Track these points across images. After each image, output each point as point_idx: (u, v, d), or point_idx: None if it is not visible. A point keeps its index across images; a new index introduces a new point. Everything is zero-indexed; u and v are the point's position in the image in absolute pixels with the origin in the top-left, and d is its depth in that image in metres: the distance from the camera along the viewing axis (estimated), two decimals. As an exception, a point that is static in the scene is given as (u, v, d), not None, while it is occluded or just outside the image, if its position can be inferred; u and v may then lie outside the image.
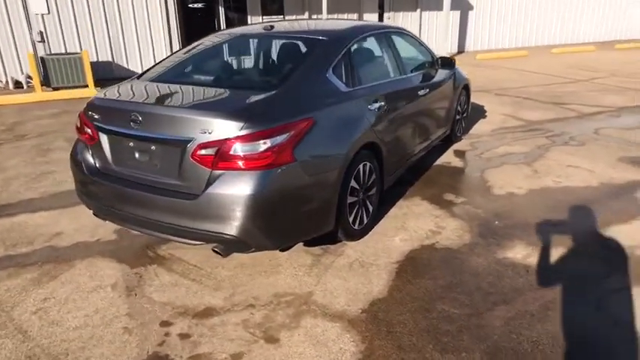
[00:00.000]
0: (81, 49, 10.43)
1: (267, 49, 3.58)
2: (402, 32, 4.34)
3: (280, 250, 3.18)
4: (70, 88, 9.49)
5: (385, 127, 3.45)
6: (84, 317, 2.60)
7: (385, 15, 14.27)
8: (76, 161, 3.08)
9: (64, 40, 10.39)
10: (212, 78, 3.26)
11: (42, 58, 9.45)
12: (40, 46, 10.20)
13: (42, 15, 10.11)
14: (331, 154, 2.84)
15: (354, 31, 3.49)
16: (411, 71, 4.19)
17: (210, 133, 2.46)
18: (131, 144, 2.74)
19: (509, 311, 2.58)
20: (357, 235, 3.31)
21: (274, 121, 2.52)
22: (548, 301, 2.65)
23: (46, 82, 9.46)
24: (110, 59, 11.05)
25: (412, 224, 3.62)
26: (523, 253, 3.16)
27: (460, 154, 5.34)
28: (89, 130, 2.93)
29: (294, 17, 12.86)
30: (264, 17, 12.54)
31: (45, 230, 3.64)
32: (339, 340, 2.38)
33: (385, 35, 3.94)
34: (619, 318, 2.50)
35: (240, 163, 2.45)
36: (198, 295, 2.78)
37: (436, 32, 14.88)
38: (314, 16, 13.03)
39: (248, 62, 3.55)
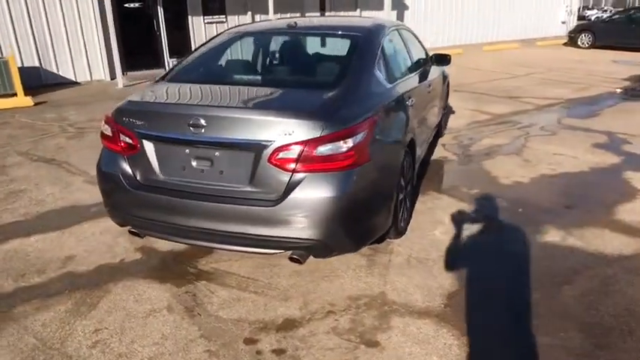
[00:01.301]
0: (1, 54, 9.45)
1: (301, 46, 3.50)
2: (405, 28, 4.47)
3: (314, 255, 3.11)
4: (-6, 97, 8.55)
5: (415, 123, 3.54)
6: (154, 345, 2.39)
7: (326, 14, 14.49)
8: (107, 175, 2.81)
9: (-19, 44, 9.35)
10: (259, 77, 3.13)
11: (-40, 65, 8.42)
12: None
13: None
14: (393, 151, 2.87)
15: (380, 27, 3.54)
16: (419, 67, 4.33)
17: (291, 134, 2.37)
18: (187, 151, 2.57)
19: (576, 289, 2.78)
20: (402, 232, 3.36)
21: (352, 120, 2.49)
22: (604, 278, 2.89)
23: (-35, 92, 8.45)
24: (37, 64, 10.11)
25: (442, 217, 3.75)
26: (559, 237, 3.40)
27: (450, 148, 5.60)
28: (127, 139, 2.69)
29: (291, 15, 12.64)
30: (205, 17, 12.18)
31: (52, 255, 3.28)
32: (438, 336, 2.42)
33: (398, 31, 4.03)
34: (669, 286, 2.79)
35: (324, 165, 2.39)
36: (269, 308, 2.67)
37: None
38: (257, 16, 12.90)
39: (288, 60, 3.45)
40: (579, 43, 16.51)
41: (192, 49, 12.28)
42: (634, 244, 3.26)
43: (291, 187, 2.41)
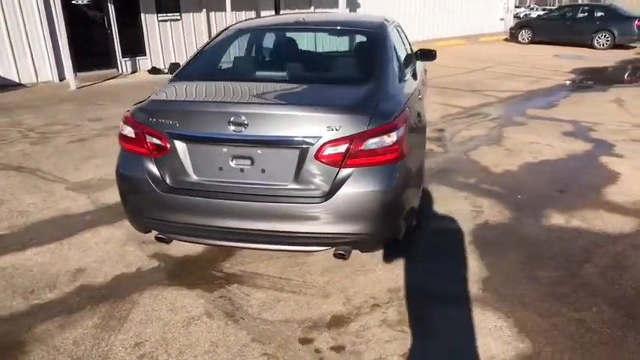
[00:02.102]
0: None
1: (317, 41, 3.46)
2: (398, 24, 4.54)
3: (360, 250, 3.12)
4: None
5: (425, 117, 3.62)
6: (206, 354, 2.29)
7: (281, 12, 14.39)
8: (131, 179, 2.65)
9: None
10: (285, 74, 3.05)
11: None
12: None
13: None
14: (420, 144, 2.92)
15: (385, 23, 3.58)
16: (413, 62, 4.42)
17: (337, 130, 2.35)
18: (225, 150, 2.47)
19: (596, 267, 2.96)
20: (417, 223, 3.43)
21: (392, 114, 2.51)
22: (615, 254, 3.11)
23: None
24: (-25, 65, 9.31)
25: (450, 207, 3.86)
26: (563, 219, 3.61)
27: (433, 140, 5.76)
28: (155, 140, 2.54)
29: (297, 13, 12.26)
30: (159, 15, 11.71)
31: (58, 269, 3.05)
32: (486, 319, 2.50)
33: (395, 27, 4.10)
34: (672, 258, 3.05)
35: (371, 159, 2.39)
36: (313, 306, 2.64)
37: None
38: (212, 14, 12.58)
39: (308, 55, 3.38)
40: (520, 38, 17.50)
41: (146, 47, 11.88)
42: (631, 222, 3.53)
43: (338, 182, 2.39)
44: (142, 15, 11.47)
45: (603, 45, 15.13)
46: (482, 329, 2.42)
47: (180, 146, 2.51)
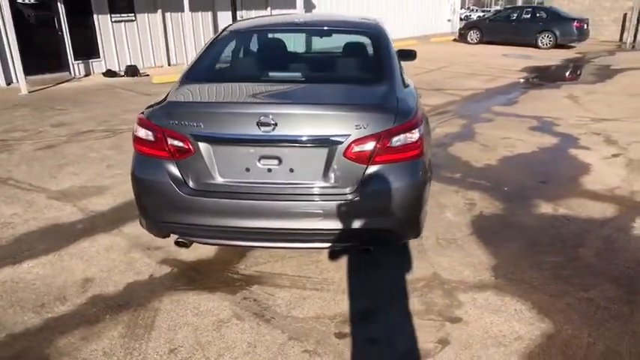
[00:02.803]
0: None
1: (323, 42, 3.48)
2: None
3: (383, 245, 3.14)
4: None
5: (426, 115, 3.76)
6: (245, 355, 2.30)
7: (238, 13, 14.27)
8: (150, 183, 2.59)
9: None
10: (299, 74, 3.07)
11: None
12: None
13: None
14: (429, 142, 3.04)
15: (379, 24, 3.68)
16: None
17: (365, 127, 2.42)
18: (252, 150, 2.48)
19: (591, 250, 3.22)
20: None
21: (412, 112, 2.61)
22: (605, 238, 3.38)
23: None
24: None
25: (444, 201, 4.03)
26: (551, 208, 3.87)
27: (412, 138, 5.95)
28: (178, 142, 2.50)
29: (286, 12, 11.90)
30: (112, 15, 11.29)
31: (63, 280, 2.92)
32: (505, 304, 2.66)
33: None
34: (652, 239, 3.37)
35: (396, 156, 2.48)
36: (339, 302, 2.70)
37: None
38: (168, 14, 12.27)
39: (317, 56, 3.40)
40: (469, 39, 18.31)
41: (100, 49, 11.38)
42: (610, 208, 3.84)
43: (366, 179, 2.46)
44: (95, 16, 11.02)
45: (547, 45, 16.13)
46: (504, 313, 2.58)
47: (205, 148, 2.49)
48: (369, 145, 2.43)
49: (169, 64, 12.47)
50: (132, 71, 10.91)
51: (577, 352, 2.29)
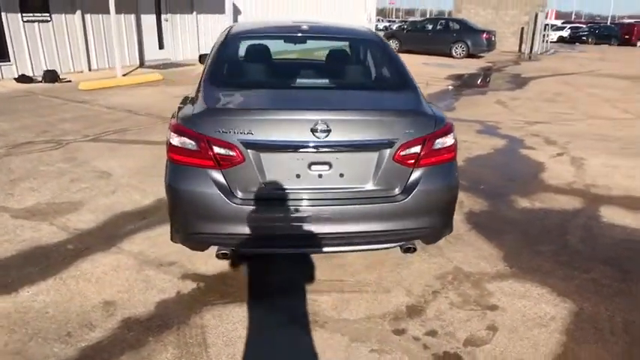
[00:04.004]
0: None
1: (331, 48, 3.54)
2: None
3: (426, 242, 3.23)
4: None
5: None
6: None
7: (163, 17, 13.74)
8: (192, 194, 2.51)
9: None
10: (327, 80, 3.11)
11: None
12: None
13: None
14: None
15: (373, 30, 3.88)
16: None
17: (411, 132, 2.57)
18: (303, 157, 2.51)
19: (575, 237, 3.66)
20: None
21: (445, 117, 2.82)
22: (583, 225, 3.86)
23: None
24: None
25: (433, 201, 4.31)
26: (528, 202, 4.31)
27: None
28: (225, 151, 2.45)
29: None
30: (23, 15, 10.29)
31: (80, 306, 2.70)
32: (528, 289, 2.95)
33: None
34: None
35: (437, 158, 2.66)
36: (382, 301, 2.81)
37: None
38: (88, 16, 11.47)
39: (333, 62, 3.42)
40: (389, 48, 19.32)
41: (10, 52, 10.29)
42: (575, 200, 4.38)
43: (413, 181, 2.61)
44: (3, 14, 9.97)
45: (460, 54, 17.57)
46: (531, 297, 2.87)
47: (255, 156, 2.47)
48: (416, 149, 2.59)
49: (90, 69, 11.64)
50: (50, 77, 10.02)
51: (604, 325, 2.63)
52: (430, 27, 18.89)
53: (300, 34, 3.42)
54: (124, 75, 10.66)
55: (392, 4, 68.34)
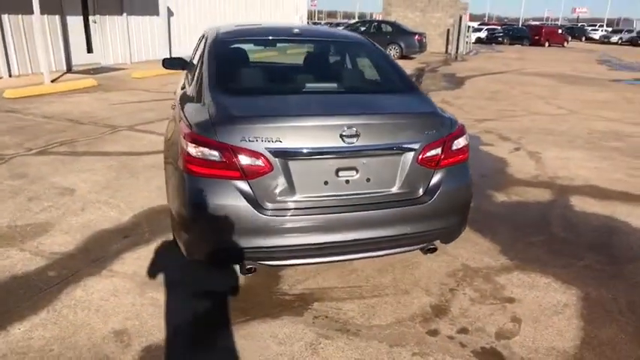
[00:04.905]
0: None
1: (329, 52, 3.48)
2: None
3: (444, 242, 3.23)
4: None
5: None
6: None
7: (91, 18, 12.91)
8: (216, 209, 2.37)
9: None
10: (335, 85, 3.04)
11: None
12: None
13: None
14: None
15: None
16: None
17: (432, 133, 2.62)
18: (331, 163, 2.46)
19: (558, 227, 3.91)
20: None
21: (456, 119, 2.89)
22: (560, 215, 4.13)
23: None
24: None
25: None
26: (506, 196, 4.55)
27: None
28: (253, 160, 2.34)
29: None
30: None
31: (88, 339, 2.45)
32: (535, 279, 3.11)
33: None
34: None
35: (454, 159, 2.73)
36: (405, 303, 2.82)
37: (153, 38, 14.58)
38: (6, 16, 10.49)
39: (335, 66, 3.35)
40: (324, 50, 19.55)
41: None
42: (546, 192, 4.70)
43: (436, 181, 2.66)
44: None
45: (394, 56, 18.15)
46: (540, 287, 3.03)
47: (283, 164, 2.39)
48: (437, 150, 2.64)
49: (10, 75, 10.66)
50: (-33, 85, 9.04)
51: (612, 307, 2.84)
52: (363, 29, 19.36)
53: (296, 38, 3.37)
54: (52, 81, 9.88)
55: (314, 6, 69.29)
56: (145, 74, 11.41)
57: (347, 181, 2.52)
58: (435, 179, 2.67)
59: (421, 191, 2.65)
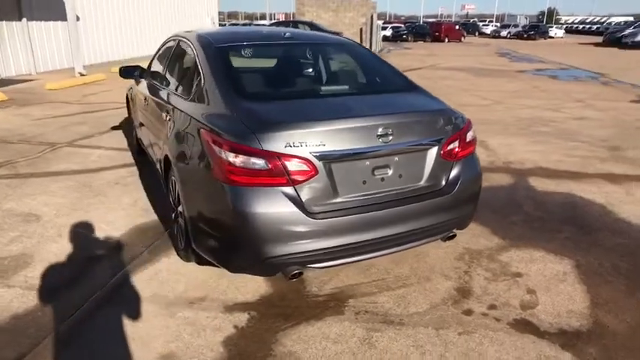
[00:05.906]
0: None
1: (326, 54, 3.52)
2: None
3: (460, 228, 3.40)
4: None
5: None
6: (422, 356, 2.44)
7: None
8: (267, 215, 2.39)
9: None
10: (347, 87, 3.13)
11: None
12: None
13: None
14: None
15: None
16: None
17: (451, 128, 2.85)
18: (368, 162, 2.58)
19: (529, 206, 4.36)
20: None
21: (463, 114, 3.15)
22: (527, 196, 4.60)
23: None
24: None
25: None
26: (488, 183, 4.94)
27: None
28: (299, 165, 2.39)
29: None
30: None
31: (138, 366, 2.36)
32: (531, 254, 3.47)
33: None
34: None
35: (467, 150, 2.99)
36: (432, 290, 3.03)
37: (59, 46, 13.51)
38: None
39: (336, 67, 3.39)
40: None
41: None
42: (507, 176, 5.19)
43: (456, 173, 2.89)
44: None
45: (315, 56, 18.55)
46: (538, 260, 3.40)
47: (327, 167, 2.47)
48: (455, 144, 2.88)
49: None
50: None
51: (601, 270, 3.27)
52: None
53: (295, 42, 3.46)
54: (-49, 98, 8.84)
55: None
56: (62, 85, 10.59)
57: (382, 179, 2.67)
58: (454, 171, 2.90)
59: (443, 182, 2.87)
